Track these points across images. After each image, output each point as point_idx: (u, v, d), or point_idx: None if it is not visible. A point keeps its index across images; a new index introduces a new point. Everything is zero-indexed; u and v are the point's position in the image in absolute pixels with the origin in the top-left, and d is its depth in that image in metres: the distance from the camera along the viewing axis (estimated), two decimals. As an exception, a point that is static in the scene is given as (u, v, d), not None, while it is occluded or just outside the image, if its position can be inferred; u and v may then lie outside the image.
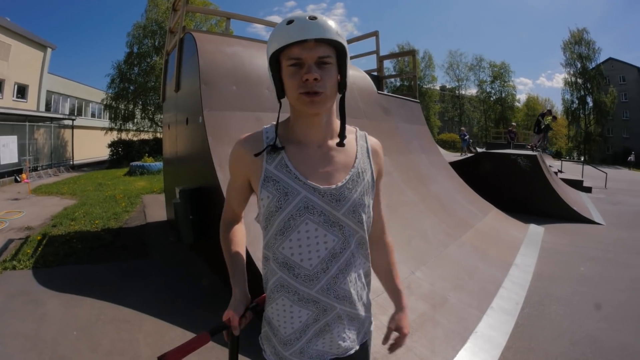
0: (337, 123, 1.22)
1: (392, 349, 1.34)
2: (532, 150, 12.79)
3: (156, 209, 8.00)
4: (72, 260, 4.92)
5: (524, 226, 7.24)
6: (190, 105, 4.82)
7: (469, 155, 14.51)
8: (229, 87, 4.46)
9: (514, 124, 23.94)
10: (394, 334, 1.32)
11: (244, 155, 1.17)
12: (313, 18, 1.04)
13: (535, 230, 7.13)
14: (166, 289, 4.13)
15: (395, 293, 1.37)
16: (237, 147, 1.20)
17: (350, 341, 1.21)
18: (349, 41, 7.50)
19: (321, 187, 1.11)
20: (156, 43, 24.60)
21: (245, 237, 1.36)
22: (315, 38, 1.04)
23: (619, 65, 46.30)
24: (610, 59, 46.72)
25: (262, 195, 1.13)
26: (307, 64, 1.06)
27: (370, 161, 1.24)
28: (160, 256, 5.21)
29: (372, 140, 1.31)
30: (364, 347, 1.29)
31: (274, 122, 1.20)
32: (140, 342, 3.05)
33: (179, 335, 3.15)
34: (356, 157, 1.20)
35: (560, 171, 15.68)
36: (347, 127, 1.23)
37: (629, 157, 35.81)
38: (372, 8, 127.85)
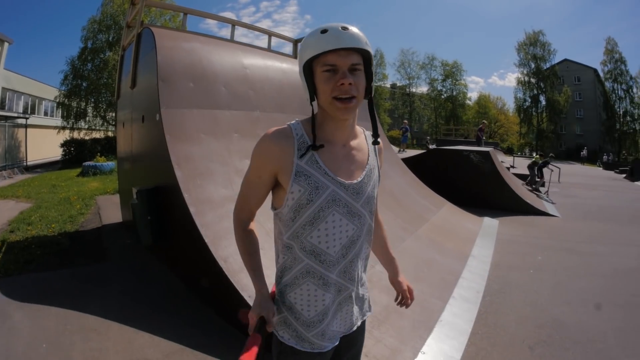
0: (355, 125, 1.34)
1: (409, 304, 1.60)
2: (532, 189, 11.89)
3: (111, 211, 7.80)
4: (33, 267, 4.76)
5: (478, 219, 7.48)
6: (146, 103, 4.69)
7: (420, 152, 14.21)
8: (186, 84, 4.37)
9: (484, 122, 23.36)
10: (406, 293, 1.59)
11: (275, 149, 1.22)
12: (345, 28, 1.14)
13: (490, 223, 7.40)
14: (127, 294, 4.04)
15: (390, 260, 1.62)
16: (267, 141, 1.23)
17: (355, 319, 1.37)
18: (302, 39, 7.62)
19: (346, 182, 1.23)
20: (110, 38, 23.76)
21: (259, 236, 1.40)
22: (348, 47, 1.13)
23: (574, 66, 48.45)
24: (565, 60, 48.76)
25: (292, 189, 1.20)
26: (342, 70, 1.15)
27: (377, 158, 1.38)
28: (119, 259, 5.09)
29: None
30: (363, 323, 1.45)
31: (298, 119, 1.29)
32: (109, 350, 2.99)
33: (147, 341, 3.09)
34: (369, 155, 1.34)
35: (513, 166, 16.29)
36: (358, 127, 1.37)
37: (582, 152, 37.48)
38: (325, 6, 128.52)
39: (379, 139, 1.36)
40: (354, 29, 1.15)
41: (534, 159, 13.20)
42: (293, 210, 1.22)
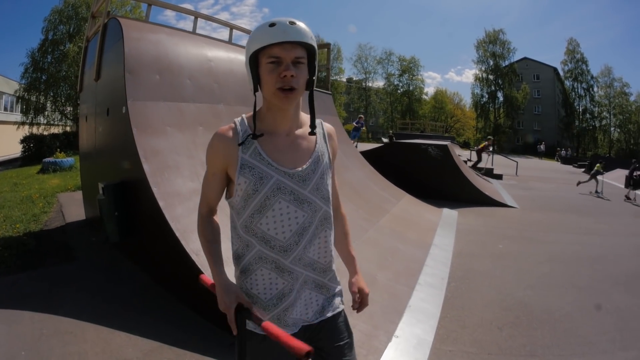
0: (301, 114, 1.38)
1: (360, 308, 1.51)
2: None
3: (73, 208, 7.58)
4: (2, 270, 4.60)
5: (437, 210, 7.71)
6: (111, 95, 4.61)
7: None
8: (153, 77, 4.34)
9: (490, 137, 19.96)
10: (357, 296, 1.48)
11: (221, 146, 1.29)
12: (293, 23, 1.19)
13: (449, 214, 7.66)
14: (98, 293, 3.98)
15: (349, 259, 1.56)
16: (214, 139, 1.30)
17: (317, 307, 1.37)
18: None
19: (290, 170, 1.27)
20: (71, 29, 23.01)
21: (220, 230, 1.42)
22: (294, 41, 1.19)
23: (533, 65, 49.92)
24: (525, 58, 50.12)
25: (239, 180, 1.25)
26: (286, 63, 1.20)
27: (326, 145, 1.41)
28: (86, 258, 4.99)
29: (327, 126, 1.47)
30: (341, 318, 1.44)
31: (244, 115, 1.35)
32: (88, 353, 2.94)
33: (124, 341, 3.08)
34: (316, 143, 1.36)
35: (469, 160, 16.78)
36: (305, 116, 1.40)
37: (539, 145, 38.57)
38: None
39: (305, 129, 1.36)
40: (300, 24, 1.21)
41: (596, 168, 12.95)
42: (242, 200, 1.27)
